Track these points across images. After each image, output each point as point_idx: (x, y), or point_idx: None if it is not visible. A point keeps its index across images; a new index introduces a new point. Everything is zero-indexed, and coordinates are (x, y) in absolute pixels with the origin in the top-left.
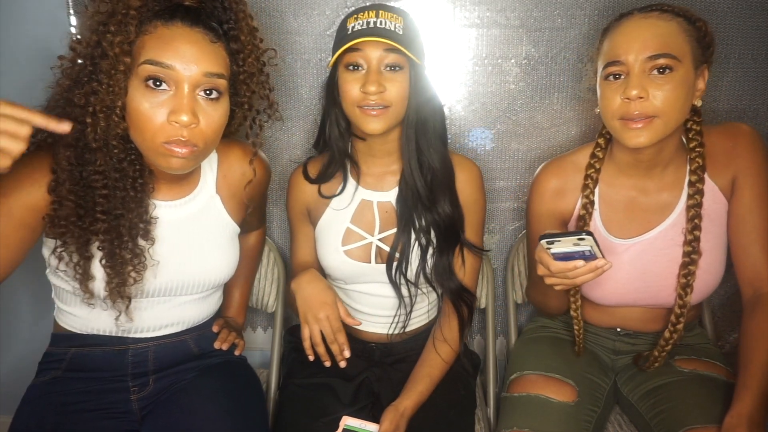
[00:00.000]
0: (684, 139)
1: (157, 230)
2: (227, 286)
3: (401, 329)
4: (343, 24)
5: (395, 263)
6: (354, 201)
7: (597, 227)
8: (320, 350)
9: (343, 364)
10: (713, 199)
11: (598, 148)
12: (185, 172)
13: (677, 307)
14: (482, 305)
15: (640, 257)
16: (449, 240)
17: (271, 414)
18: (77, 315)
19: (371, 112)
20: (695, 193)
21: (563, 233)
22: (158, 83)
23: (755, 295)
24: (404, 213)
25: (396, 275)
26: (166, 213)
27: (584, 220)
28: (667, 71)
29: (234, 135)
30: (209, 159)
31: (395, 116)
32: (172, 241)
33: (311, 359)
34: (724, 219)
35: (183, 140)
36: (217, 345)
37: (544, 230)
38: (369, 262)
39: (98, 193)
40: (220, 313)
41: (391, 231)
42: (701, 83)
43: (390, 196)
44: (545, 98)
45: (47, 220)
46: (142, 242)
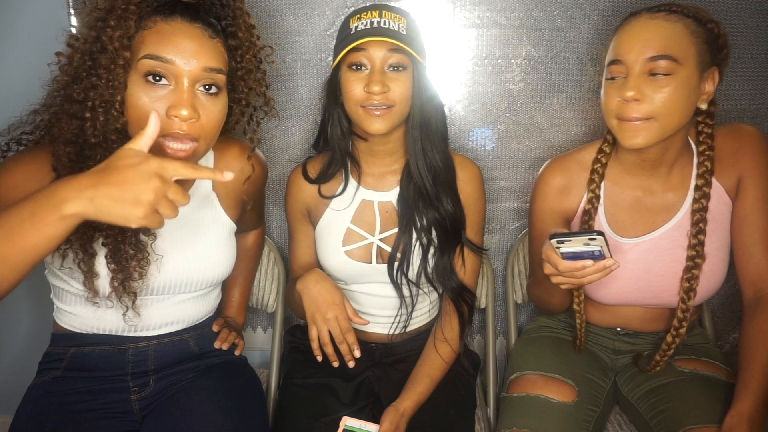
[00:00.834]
0: (692, 142)
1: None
2: (227, 286)
3: (402, 329)
4: (346, 24)
5: (396, 263)
6: (354, 201)
7: (602, 226)
8: (329, 351)
9: (352, 364)
10: (718, 200)
11: (606, 143)
12: None
13: (680, 311)
14: (482, 305)
15: (644, 257)
16: (450, 239)
17: (271, 414)
18: (77, 314)
19: (375, 112)
20: (701, 197)
21: (574, 233)
22: (158, 78)
23: (756, 296)
24: (405, 213)
25: (397, 275)
26: None
27: (589, 215)
28: (664, 75)
29: (231, 132)
30: (206, 157)
31: (399, 116)
32: (171, 238)
33: (319, 360)
34: (729, 220)
35: (181, 133)
36: (218, 345)
37: (548, 228)
38: (370, 263)
39: None
40: (220, 313)
41: (392, 231)
42: (708, 86)
43: (391, 196)
44: (545, 98)
45: None
46: (144, 237)
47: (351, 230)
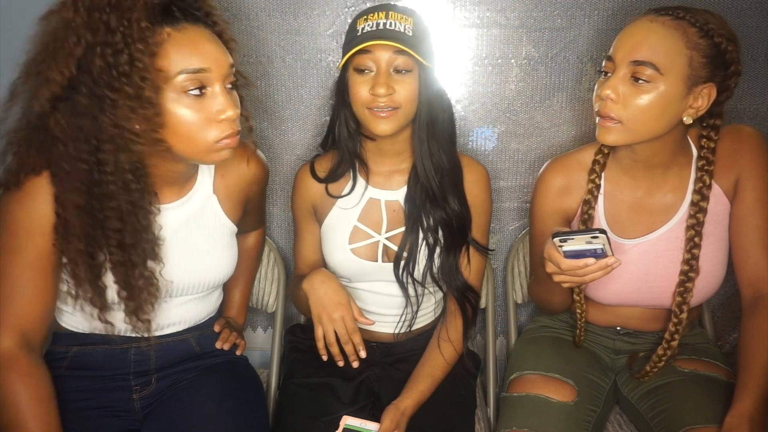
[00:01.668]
0: (692, 143)
1: (157, 221)
2: (228, 287)
3: (407, 328)
4: (353, 25)
5: (402, 262)
6: (362, 200)
7: (601, 226)
8: (334, 350)
9: (356, 364)
10: (716, 202)
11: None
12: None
13: (672, 325)
14: (482, 305)
15: (644, 258)
16: (457, 239)
17: (272, 414)
18: (79, 315)
19: (381, 114)
20: (697, 212)
21: (576, 231)
22: (201, 89)
23: (755, 296)
24: (413, 212)
25: (403, 274)
26: (166, 214)
27: (589, 215)
28: (645, 81)
29: None
30: None
31: (405, 117)
32: (173, 242)
33: (324, 359)
34: (727, 221)
35: (234, 131)
36: (219, 345)
37: (548, 228)
38: (376, 261)
39: (111, 228)
40: (222, 314)
41: (399, 230)
42: (699, 101)
43: (398, 195)
44: (545, 98)
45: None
46: (152, 264)
47: (357, 228)
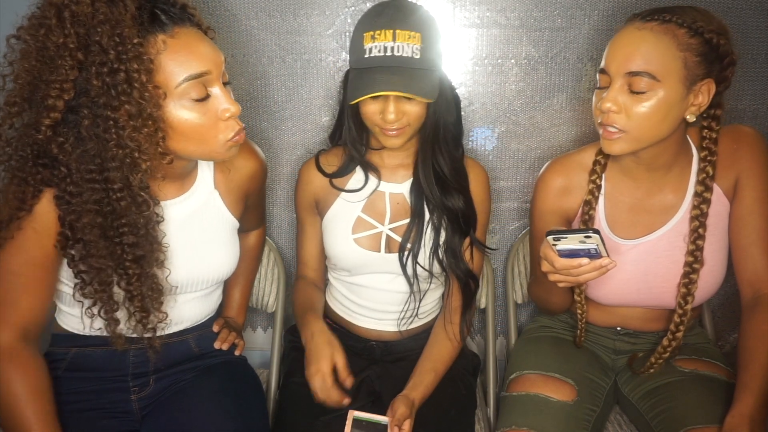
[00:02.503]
0: (692, 143)
1: (162, 228)
2: (227, 287)
3: (411, 319)
4: (359, 37)
5: (406, 252)
6: (366, 191)
7: (601, 227)
8: (318, 401)
9: (347, 402)
10: (716, 202)
11: None
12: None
13: (677, 316)
14: (482, 305)
15: (644, 258)
16: (460, 231)
17: (272, 414)
18: (79, 316)
19: (390, 133)
20: (701, 203)
21: (570, 230)
22: (207, 94)
23: (755, 296)
24: (417, 205)
25: (407, 261)
26: (169, 210)
27: (589, 215)
28: (645, 91)
29: None
30: None
31: (415, 131)
32: (176, 238)
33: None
34: (727, 221)
35: (241, 127)
36: (218, 345)
37: (548, 228)
38: (378, 251)
39: (127, 244)
40: (221, 313)
41: (402, 221)
42: (699, 98)
43: (402, 188)
44: (545, 98)
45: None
46: (159, 270)
47: (361, 219)
